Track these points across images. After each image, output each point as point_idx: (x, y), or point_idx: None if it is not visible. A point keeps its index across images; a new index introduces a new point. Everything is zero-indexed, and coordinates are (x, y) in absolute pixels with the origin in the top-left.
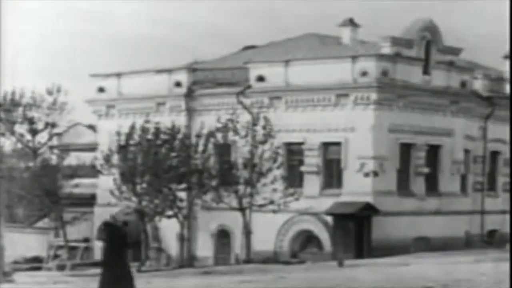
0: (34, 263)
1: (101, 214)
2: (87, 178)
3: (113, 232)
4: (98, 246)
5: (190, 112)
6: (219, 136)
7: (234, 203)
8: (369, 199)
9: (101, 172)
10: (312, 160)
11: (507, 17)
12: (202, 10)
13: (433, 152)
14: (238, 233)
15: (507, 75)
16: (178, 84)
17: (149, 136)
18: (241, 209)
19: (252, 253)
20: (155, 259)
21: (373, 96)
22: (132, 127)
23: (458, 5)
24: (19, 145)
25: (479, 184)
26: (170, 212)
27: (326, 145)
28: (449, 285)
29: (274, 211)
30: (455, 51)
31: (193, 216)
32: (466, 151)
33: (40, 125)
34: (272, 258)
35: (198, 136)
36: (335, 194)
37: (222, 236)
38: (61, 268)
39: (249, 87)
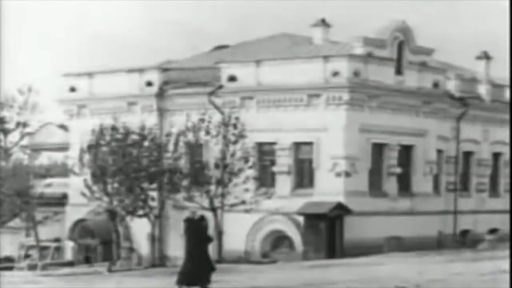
0: (6, 263)
1: (72, 214)
2: (59, 177)
3: (194, 226)
4: (69, 246)
5: (162, 111)
6: (190, 135)
7: (206, 203)
8: (341, 199)
9: (73, 171)
10: (284, 160)
11: (481, 17)
12: (174, 10)
13: (406, 152)
14: (209, 233)
15: (480, 75)
16: (149, 84)
17: (120, 136)
18: (213, 209)
19: (223, 253)
20: (126, 259)
21: (345, 96)
22: (101, 127)
23: (430, 5)
24: None
25: (452, 184)
26: (141, 212)
27: (298, 145)
28: (422, 285)
29: (245, 211)
30: (428, 51)
31: (165, 215)
32: (439, 151)
33: (11, 125)
34: (244, 258)
35: (168, 135)
36: (307, 194)
37: None
38: (32, 268)
39: (220, 87)
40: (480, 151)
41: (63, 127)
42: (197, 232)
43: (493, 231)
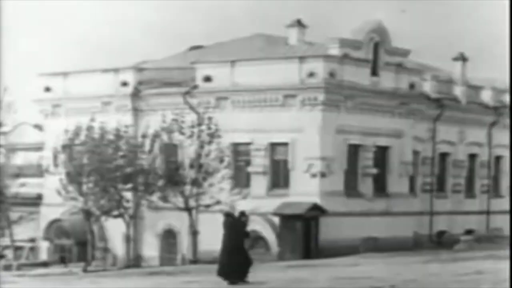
0: None
1: (47, 214)
2: (33, 177)
3: (233, 221)
4: (44, 246)
5: (137, 111)
6: (164, 136)
7: (181, 203)
8: (316, 199)
9: (47, 171)
10: (259, 161)
11: (454, 18)
12: (149, 10)
13: (382, 153)
14: (184, 233)
15: (456, 76)
16: (124, 84)
17: (95, 136)
18: (188, 209)
19: (198, 253)
20: (101, 259)
21: (321, 97)
22: (78, 127)
23: (406, 6)
24: None
25: (428, 185)
26: (116, 212)
27: (273, 146)
28: (397, 285)
29: (220, 211)
30: (404, 52)
31: (140, 216)
32: (415, 152)
33: None
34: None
35: (144, 136)
36: (282, 194)
37: (169, 236)
38: (7, 268)
39: (195, 87)
40: (456, 152)
41: (38, 127)
42: (236, 227)
43: (469, 232)
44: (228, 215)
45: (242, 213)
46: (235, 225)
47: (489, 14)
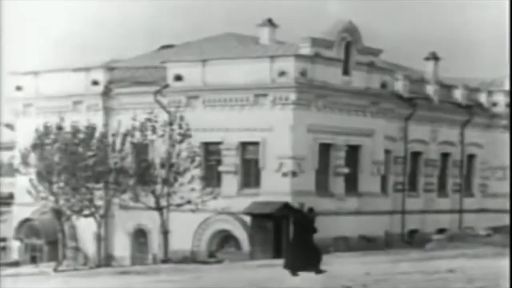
0: None
1: (19, 213)
2: (5, 177)
3: (302, 218)
4: (15, 246)
5: (108, 110)
6: (136, 135)
7: (152, 202)
8: (287, 199)
9: (18, 171)
10: (230, 160)
11: (427, 17)
12: (120, 8)
13: (353, 152)
14: (155, 233)
15: (428, 76)
16: (95, 83)
17: (66, 135)
18: (159, 209)
19: (169, 253)
20: (72, 259)
21: (292, 96)
22: (47, 126)
23: (378, 5)
24: None
25: (400, 185)
26: (87, 211)
27: (244, 145)
28: (368, 284)
29: (191, 211)
30: (375, 52)
31: (110, 215)
32: (387, 152)
33: None
34: (190, 258)
35: (114, 135)
36: (253, 193)
37: (140, 236)
38: None
39: (166, 86)
40: (428, 151)
41: (9, 126)
42: (304, 223)
43: (441, 231)
44: (297, 212)
45: (310, 209)
46: (304, 221)
47: (463, 14)
